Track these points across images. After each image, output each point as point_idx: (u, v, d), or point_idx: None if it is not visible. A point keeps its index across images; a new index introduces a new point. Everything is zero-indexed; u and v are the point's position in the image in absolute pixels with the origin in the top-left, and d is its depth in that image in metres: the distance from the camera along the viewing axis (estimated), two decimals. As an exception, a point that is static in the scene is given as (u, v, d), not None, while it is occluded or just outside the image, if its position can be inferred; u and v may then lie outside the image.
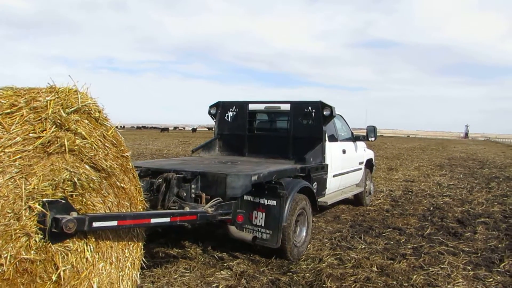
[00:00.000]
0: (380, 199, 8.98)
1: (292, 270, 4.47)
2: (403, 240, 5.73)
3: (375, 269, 4.53)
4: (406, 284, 4.12)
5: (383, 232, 6.13)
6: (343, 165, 6.99)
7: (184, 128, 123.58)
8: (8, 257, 2.37)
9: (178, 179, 4.24)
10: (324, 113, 6.21)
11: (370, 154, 8.65)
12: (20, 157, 2.36)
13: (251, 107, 6.94)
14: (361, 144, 8.08)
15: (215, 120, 7.21)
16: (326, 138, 6.32)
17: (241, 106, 6.98)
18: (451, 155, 26.75)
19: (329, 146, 6.39)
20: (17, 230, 2.40)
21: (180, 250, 5.08)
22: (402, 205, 8.36)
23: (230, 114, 7.08)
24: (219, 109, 7.16)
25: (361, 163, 7.96)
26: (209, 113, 7.27)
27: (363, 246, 5.38)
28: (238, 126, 6.96)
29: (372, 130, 7.83)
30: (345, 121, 7.70)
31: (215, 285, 4.06)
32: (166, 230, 5.25)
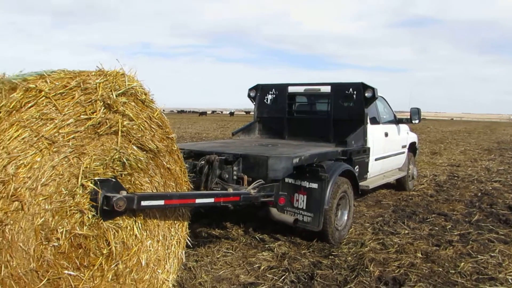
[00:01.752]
0: (423, 184, 8.74)
1: (333, 253, 4.46)
2: (449, 226, 5.56)
3: (419, 255, 4.43)
4: (453, 272, 4.02)
5: (428, 218, 5.97)
6: (385, 148, 6.84)
7: (221, 112, 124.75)
8: (64, 232, 2.50)
9: (220, 161, 4.29)
10: (366, 94, 6.07)
11: (413, 137, 8.41)
12: (73, 138, 2.46)
13: (291, 89, 6.89)
14: (404, 127, 7.86)
15: (254, 103, 7.21)
16: (368, 121, 6.18)
17: (281, 88, 6.93)
18: (501, 138, 25.57)
19: (371, 129, 6.26)
20: (72, 207, 2.52)
21: (222, 231, 5.18)
22: (447, 191, 8.10)
23: (270, 97, 7.07)
24: (258, 92, 7.15)
25: (404, 146, 7.76)
26: (249, 96, 7.28)
27: (407, 232, 5.27)
28: (278, 109, 6.93)
29: (416, 112, 7.59)
30: (387, 103, 7.50)
31: (257, 265, 4.12)
32: (208, 211, 5.36)
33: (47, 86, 2.33)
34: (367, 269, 4.01)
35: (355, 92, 6.13)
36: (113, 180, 2.75)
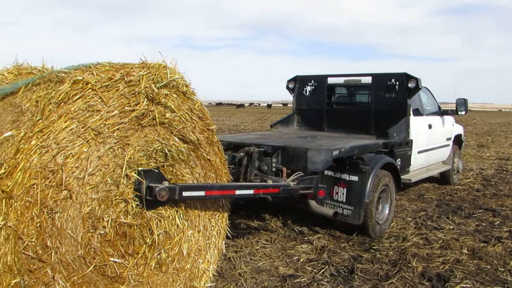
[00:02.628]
0: (469, 178, 8.40)
1: (374, 247, 4.38)
2: (498, 222, 5.32)
3: (465, 251, 4.27)
4: (502, 269, 3.85)
5: (474, 213, 5.74)
6: (429, 140, 6.62)
7: (259, 104, 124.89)
8: (110, 221, 2.58)
9: (259, 153, 4.29)
10: (409, 85, 5.88)
11: (459, 129, 8.08)
12: (117, 129, 2.53)
13: (330, 80, 6.78)
14: (449, 119, 7.56)
15: (293, 94, 7.16)
16: (411, 112, 6.00)
17: (320, 80, 6.84)
18: (553, 131, 24.15)
19: (414, 121, 6.07)
20: (117, 196, 2.60)
21: (261, 223, 5.20)
22: (495, 185, 7.74)
23: (309, 88, 6.99)
24: (297, 83, 7.08)
25: (448, 139, 7.47)
26: (287, 87, 7.22)
27: (451, 227, 5.10)
28: (317, 101, 6.84)
29: (462, 103, 7.28)
30: (432, 94, 7.23)
31: (296, 257, 4.11)
32: (247, 203, 5.38)
33: (93, 78, 2.41)
34: (409, 264, 3.91)
35: (397, 82, 5.96)
36: (156, 170, 2.81)
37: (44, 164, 2.23)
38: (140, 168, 2.69)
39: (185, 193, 2.84)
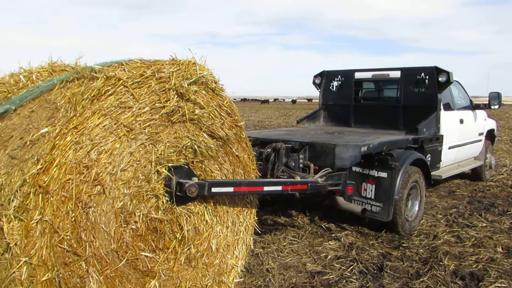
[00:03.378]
0: (502, 174, 8.15)
1: (404, 245, 4.31)
2: (533, 219, 5.15)
3: (500, 249, 4.15)
4: (539, 268, 3.72)
5: (508, 210, 5.57)
6: (460, 136, 6.45)
7: (283, 100, 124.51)
8: (141, 216, 2.62)
9: (286, 149, 4.28)
10: (440, 79, 5.74)
11: (491, 124, 7.83)
12: (148, 125, 2.56)
13: (357, 75, 6.69)
14: (481, 113, 7.35)
15: (319, 90, 7.10)
16: (441, 107, 5.86)
17: (347, 75, 6.76)
18: None
19: (445, 116, 5.92)
20: (148, 192, 2.63)
21: (287, 219, 5.19)
22: (529, 181, 7.49)
23: (335, 83, 6.92)
24: (323, 78, 7.02)
25: (480, 134, 7.26)
26: (314, 83, 7.17)
27: (484, 225, 4.96)
28: (344, 96, 6.77)
29: (495, 96, 7.05)
30: (463, 88, 7.03)
31: (323, 254, 4.08)
32: (274, 199, 5.38)
33: (125, 74, 2.44)
34: (441, 263, 3.83)
35: (427, 76, 5.82)
36: (186, 166, 2.83)
37: (79, 160, 2.28)
38: (170, 164, 2.72)
39: (214, 189, 2.86)
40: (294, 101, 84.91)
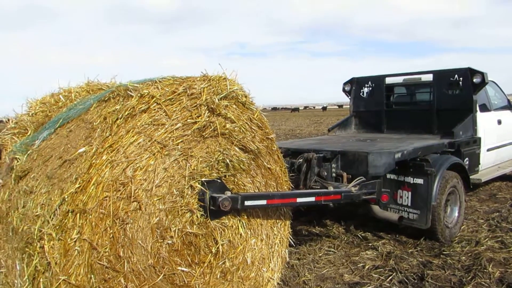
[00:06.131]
0: (547, 175, 7.78)
1: (444, 252, 4.16)
2: None
3: (547, 254, 3.95)
4: None
5: (554, 213, 5.30)
6: (499, 137, 6.24)
7: (314, 107, 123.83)
8: (176, 231, 2.66)
9: (318, 158, 4.23)
10: (474, 80, 5.59)
11: (532, 123, 7.52)
12: (181, 141, 2.61)
13: (388, 80, 6.59)
14: (520, 113, 7.07)
15: (350, 97, 7.03)
16: (477, 109, 5.68)
17: (377, 80, 6.67)
18: None
19: (481, 117, 5.75)
20: (182, 207, 2.67)
21: (322, 229, 5.13)
22: None
23: (366, 90, 6.84)
24: (353, 85, 6.95)
25: (521, 134, 6.99)
26: (344, 90, 7.11)
27: (530, 229, 4.74)
28: (375, 102, 6.68)
29: (535, 95, 6.78)
30: (499, 88, 6.81)
31: (361, 264, 4.00)
32: (307, 209, 5.33)
33: (158, 92, 2.51)
34: (485, 270, 3.68)
35: (461, 78, 5.68)
36: (218, 181, 2.86)
37: (115, 178, 2.35)
38: (203, 179, 2.75)
39: (247, 203, 2.87)
40: (324, 108, 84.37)
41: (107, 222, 2.34)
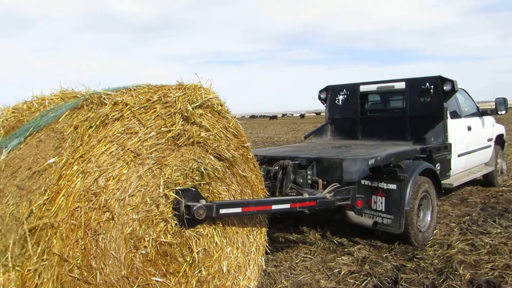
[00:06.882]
0: (515, 179, 8.05)
1: (418, 256, 4.25)
2: (549, 223, 5.05)
3: (515, 256, 4.08)
4: (557, 274, 3.64)
5: (523, 216, 5.48)
6: (469, 143, 6.41)
7: (292, 114, 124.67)
8: (151, 240, 2.63)
9: (294, 165, 4.27)
10: (445, 88, 5.75)
11: (500, 129, 7.78)
12: (155, 150, 2.59)
13: (363, 88, 6.71)
14: (488, 119, 7.31)
15: (325, 104, 7.12)
16: (448, 115, 5.85)
17: (352, 88, 6.78)
18: None
19: (452, 124, 5.91)
20: (157, 216, 2.65)
21: (299, 235, 5.15)
22: (543, 185, 7.38)
23: (341, 97, 6.94)
24: (329, 93, 7.05)
25: (489, 139, 7.22)
26: (319, 98, 7.20)
27: (499, 231, 4.88)
28: (350, 109, 6.78)
29: (502, 102, 7.02)
30: (469, 95, 7.03)
31: (337, 270, 4.04)
32: (284, 216, 5.35)
33: (132, 100, 2.49)
34: (456, 272, 3.76)
35: (432, 86, 5.83)
36: (193, 189, 2.85)
37: (87, 188, 2.31)
38: (177, 188, 2.74)
39: (222, 211, 2.87)
40: (302, 116, 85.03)
41: (79, 233, 2.29)
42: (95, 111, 2.47)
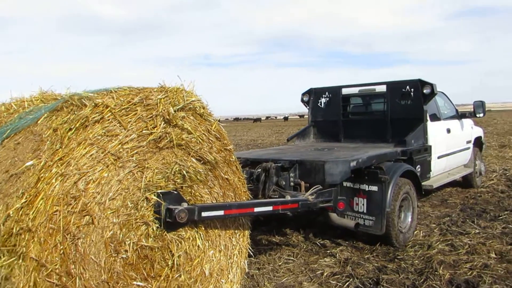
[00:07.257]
0: (493, 180, 8.21)
1: (399, 257, 4.30)
2: (525, 224, 5.17)
3: (493, 255, 4.17)
4: (533, 273, 3.73)
5: (500, 215, 5.59)
6: (448, 145, 6.53)
7: (276, 117, 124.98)
8: (131, 244, 2.60)
9: (276, 168, 4.28)
10: (424, 91, 5.85)
11: (478, 131, 7.95)
12: (136, 153, 2.57)
13: (345, 91, 6.76)
14: (467, 122, 7.46)
15: (308, 107, 7.16)
16: (428, 118, 5.94)
17: (334, 91, 6.83)
18: None
19: (432, 126, 6.01)
20: (137, 219, 2.62)
21: (282, 238, 5.16)
22: (520, 186, 7.55)
23: (323, 100, 6.98)
24: (311, 96, 7.09)
25: (468, 141, 7.36)
26: (302, 100, 7.24)
27: (477, 231, 4.97)
28: (332, 112, 6.83)
29: (480, 105, 7.17)
30: (448, 98, 7.15)
31: (319, 272, 4.06)
32: (267, 218, 5.36)
33: (113, 102, 2.46)
34: (436, 272, 3.82)
35: (412, 89, 5.93)
36: (175, 192, 2.83)
37: (66, 191, 2.28)
38: (159, 191, 2.72)
39: (204, 213, 2.85)
40: (286, 118, 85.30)
41: (57, 237, 2.25)
42: (75, 113, 2.44)
